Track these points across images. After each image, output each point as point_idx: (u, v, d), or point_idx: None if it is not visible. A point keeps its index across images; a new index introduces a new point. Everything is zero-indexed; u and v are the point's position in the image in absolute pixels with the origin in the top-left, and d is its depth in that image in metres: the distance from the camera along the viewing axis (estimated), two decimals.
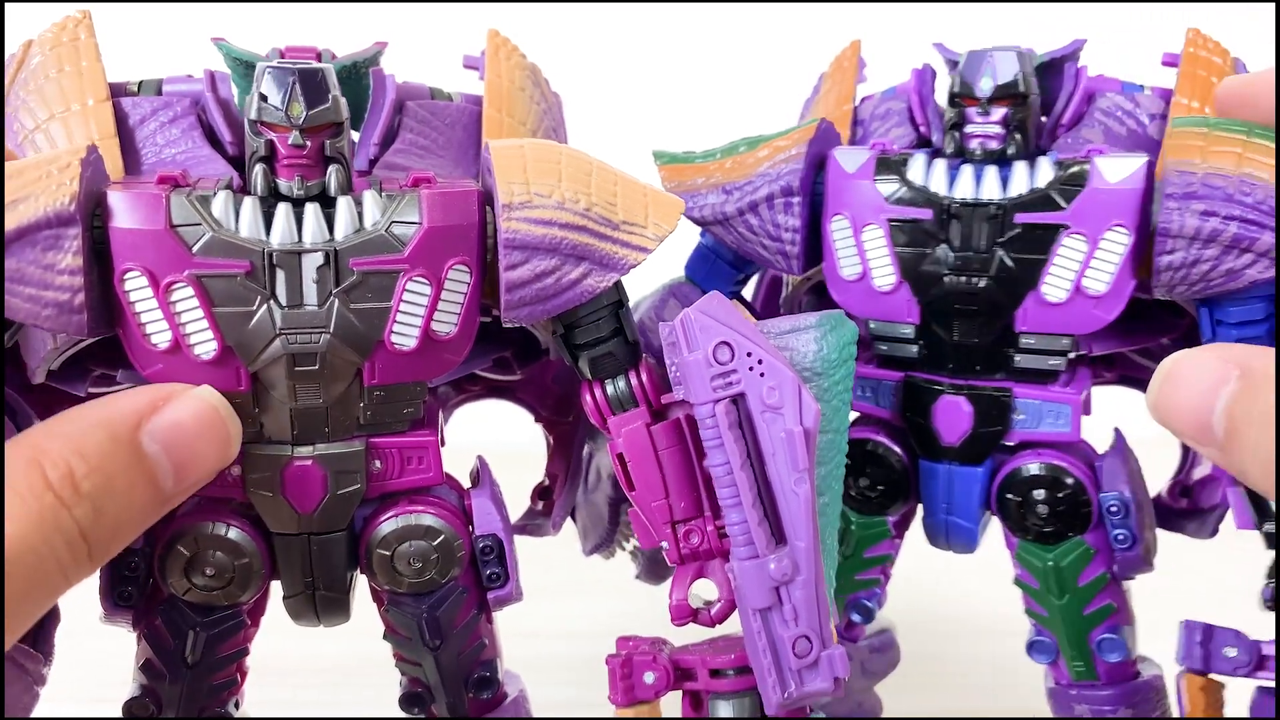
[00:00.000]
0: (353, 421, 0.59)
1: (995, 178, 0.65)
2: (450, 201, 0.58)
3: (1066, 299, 0.64)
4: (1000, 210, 0.64)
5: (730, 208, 0.69)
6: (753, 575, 0.59)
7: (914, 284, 0.67)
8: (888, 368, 0.70)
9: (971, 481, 0.69)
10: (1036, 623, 0.71)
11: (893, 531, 0.73)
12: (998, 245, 0.65)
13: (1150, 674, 0.71)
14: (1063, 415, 0.67)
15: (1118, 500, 0.67)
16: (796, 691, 0.60)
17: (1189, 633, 0.64)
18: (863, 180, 0.67)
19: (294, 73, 0.56)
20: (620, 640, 0.66)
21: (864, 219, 0.67)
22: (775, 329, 0.62)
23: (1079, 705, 0.71)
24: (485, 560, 0.64)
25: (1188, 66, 0.68)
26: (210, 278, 0.55)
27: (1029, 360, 0.67)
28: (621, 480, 0.63)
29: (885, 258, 0.67)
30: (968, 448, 0.68)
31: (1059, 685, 0.73)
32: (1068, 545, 0.69)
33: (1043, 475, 0.68)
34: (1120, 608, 0.70)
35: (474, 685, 0.66)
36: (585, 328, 0.62)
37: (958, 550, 0.72)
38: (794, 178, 0.67)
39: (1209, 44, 0.69)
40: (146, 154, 0.63)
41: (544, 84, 0.73)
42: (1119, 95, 0.69)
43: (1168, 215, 0.61)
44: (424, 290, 0.57)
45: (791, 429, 0.58)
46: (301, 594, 0.62)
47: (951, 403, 0.68)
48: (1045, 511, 0.68)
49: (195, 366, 0.56)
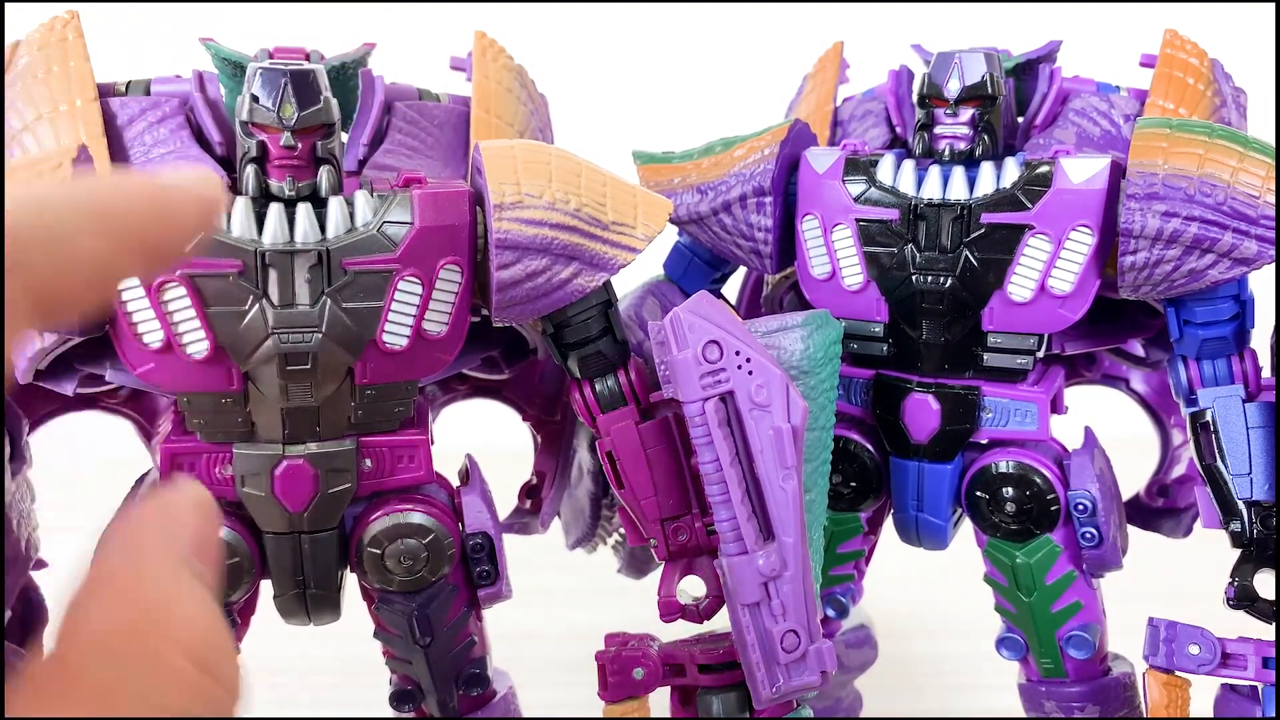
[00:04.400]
0: (344, 421, 0.60)
1: (962, 178, 0.65)
2: (442, 202, 0.58)
3: (1032, 298, 0.64)
4: (966, 210, 0.65)
5: (705, 207, 0.70)
6: (742, 571, 0.60)
7: (881, 283, 0.67)
8: (858, 366, 0.70)
9: (941, 478, 0.69)
10: (1006, 619, 0.72)
11: (865, 527, 0.74)
12: (964, 245, 0.65)
13: (1120, 671, 0.72)
14: (1030, 414, 0.67)
15: (1085, 498, 0.67)
16: (785, 685, 0.61)
17: (1153, 630, 0.65)
18: (832, 180, 0.67)
19: (286, 74, 0.56)
20: (609, 637, 0.67)
21: (833, 219, 0.67)
22: (763, 328, 0.63)
23: (1047, 702, 0.72)
24: (476, 558, 0.64)
25: (1164, 67, 0.68)
26: (202, 277, 0.55)
27: (997, 359, 0.67)
28: (610, 478, 0.64)
29: (854, 257, 0.67)
30: (937, 445, 0.69)
31: (1029, 682, 0.73)
32: (1036, 543, 0.69)
33: (1010, 473, 0.68)
34: (1088, 605, 0.70)
35: (464, 682, 0.66)
36: (575, 327, 0.62)
37: (929, 547, 0.73)
38: (765, 178, 0.67)
39: (1186, 45, 0.69)
40: (135, 154, 0.63)
41: (530, 85, 0.74)
42: (1094, 96, 0.69)
43: (1129, 216, 0.61)
44: (415, 290, 0.58)
45: (779, 426, 0.59)
46: (292, 593, 0.63)
47: (920, 400, 0.68)
48: (1013, 509, 0.68)
49: (187, 366, 0.56)
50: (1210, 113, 0.68)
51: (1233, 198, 0.60)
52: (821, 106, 0.75)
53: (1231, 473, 0.63)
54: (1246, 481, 0.63)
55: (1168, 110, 0.67)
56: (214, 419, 0.59)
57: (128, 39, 0.88)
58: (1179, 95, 0.67)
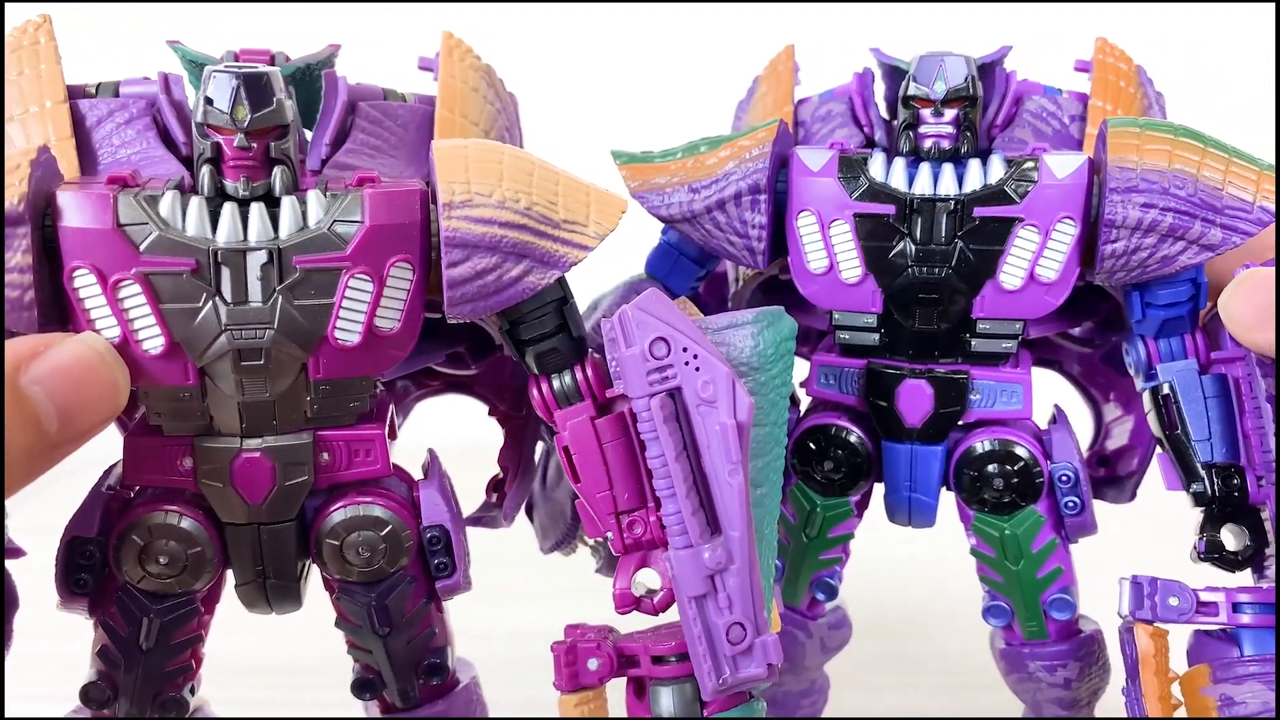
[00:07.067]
0: (300, 415, 0.61)
1: (951, 175, 0.69)
2: (393, 200, 0.59)
3: (1021, 286, 0.68)
4: (959, 205, 0.68)
5: (698, 205, 0.71)
6: (688, 564, 0.61)
7: (879, 275, 0.70)
8: (850, 356, 0.74)
9: (932, 459, 0.73)
10: (991, 588, 0.76)
11: (854, 511, 0.77)
12: (958, 237, 0.68)
13: (1090, 629, 0.77)
14: (1015, 394, 0.72)
15: (1068, 470, 0.72)
16: (731, 677, 0.62)
17: (1136, 587, 0.68)
18: (827, 178, 0.70)
19: (239, 77, 0.58)
20: (568, 628, 0.68)
21: (830, 215, 0.70)
22: (713, 325, 0.63)
23: (1031, 662, 0.76)
24: (433, 550, 0.65)
25: (1099, 73, 0.73)
26: (157, 275, 0.57)
27: (984, 344, 0.71)
28: (567, 472, 0.65)
29: (852, 251, 0.70)
30: (929, 428, 0.73)
31: (1010, 646, 0.77)
32: (1021, 515, 0.73)
33: (996, 450, 0.72)
34: (1067, 570, 0.74)
35: (424, 671, 0.67)
36: (530, 324, 0.63)
37: (917, 525, 0.76)
38: (761, 176, 0.69)
39: (1115, 51, 0.74)
40: (103, 154, 0.65)
41: (499, 84, 0.75)
42: (1043, 98, 0.73)
43: (1112, 208, 0.66)
44: (366, 287, 0.59)
45: (725, 422, 0.60)
46: (253, 582, 0.64)
47: (914, 386, 0.72)
48: (1001, 484, 0.72)
49: (144, 361, 0.58)
50: (1142, 113, 0.72)
51: (1200, 190, 0.65)
52: (780, 107, 0.76)
53: (1193, 439, 0.68)
54: (1207, 446, 0.68)
55: (1108, 111, 0.71)
56: (173, 413, 0.60)
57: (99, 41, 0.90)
58: (1115, 98, 0.71)
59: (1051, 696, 0.77)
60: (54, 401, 0.53)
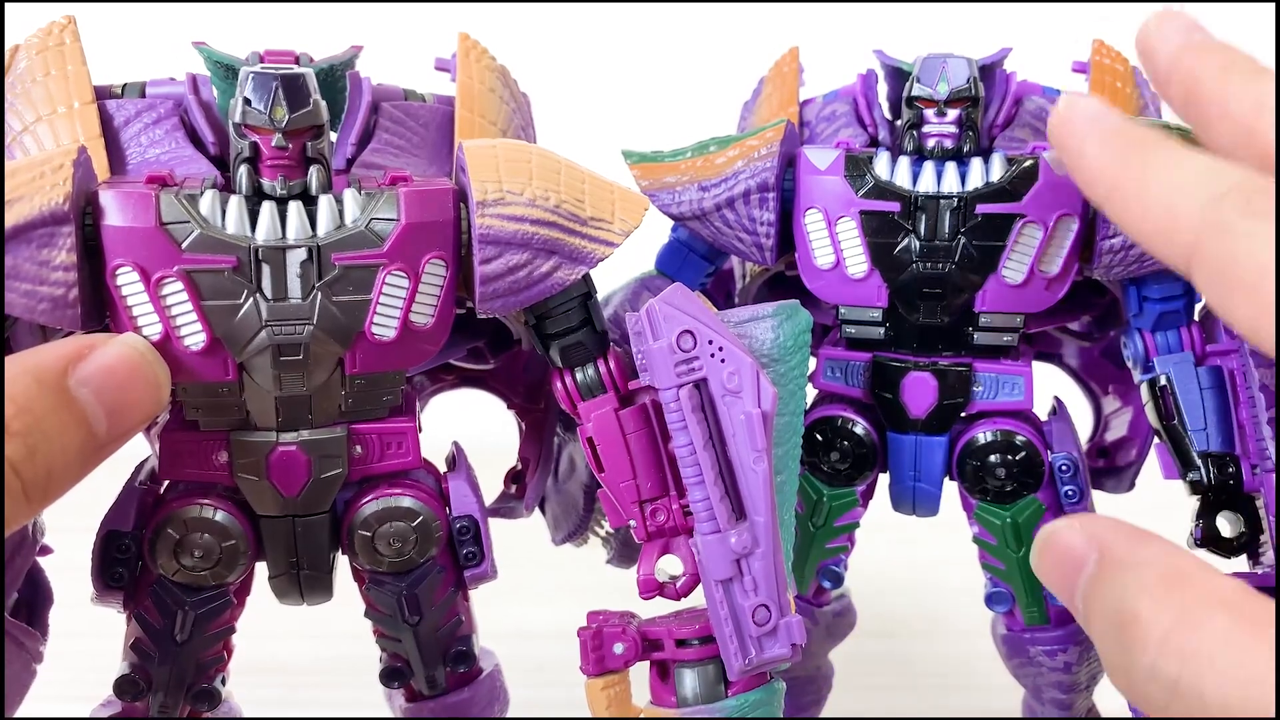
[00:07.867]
0: (335, 409, 0.62)
1: (954, 173, 0.71)
2: (427, 199, 0.61)
3: (1024, 280, 0.71)
4: (962, 202, 0.70)
5: (708, 203, 0.73)
6: (715, 548, 0.63)
7: (884, 271, 0.72)
8: (855, 349, 0.76)
9: (936, 449, 0.76)
10: (993, 576, 0.78)
11: (860, 500, 0.79)
12: (961, 234, 0.70)
13: None
14: (1017, 386, 0.74)
15: (1068, 459, 0.74)
16: (756, 658, 0.64)
17: None
18: (833, 176, 0.72)
19: (277, 78, 0.59)
20: (591, 614, 0.70)
21: (837, 212, 0.72)
22: (734, 318, 0.66)
23: (1033, 647, 0.78)
24: (462, 540, 0.67)
25: (1096, 74, 0.75)
26: (199, 272, 0.58)
27: (986, 337, 0.73)
28: (591, 463, 0.67)
29: (858, 247, 0.72)
30: (933, 419, 0.75)
31: (1011, 632, 0.80)
32: (1023, 503, 0.75)
33: (998, 440, 0.74)
34: None
35: (451, 659, 0.69)
36: (556, 318, 0.65)
37: (922, 514, 0.79)
38: (769, 175, 0.71)
39: (1111, 53, 0.76)
40: (131, 154, 0.66)
41: (513, 85, 0.76)
42: (1042, 98, 0.75)
43: None
44: (402, 283, 0.60)
45: (750, 411, 0.62)
46: (286, 574, 0.65)
47: (918, 378, 0.74)
48: (1003, 473, 0.74)
49: (184, 357, 0.59)
50: (1138, 113, 0.74)
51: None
52: (786, 108, 0.78)
53: (1190, 429, 0.70)
54: (1203, 435, 0.70)
55: None
56: (211, 408, 0.61)
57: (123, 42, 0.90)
58: (1111, 98, 0.73)
59: (1052, 680, 0.79)
60: (101, 402, 0.54)
